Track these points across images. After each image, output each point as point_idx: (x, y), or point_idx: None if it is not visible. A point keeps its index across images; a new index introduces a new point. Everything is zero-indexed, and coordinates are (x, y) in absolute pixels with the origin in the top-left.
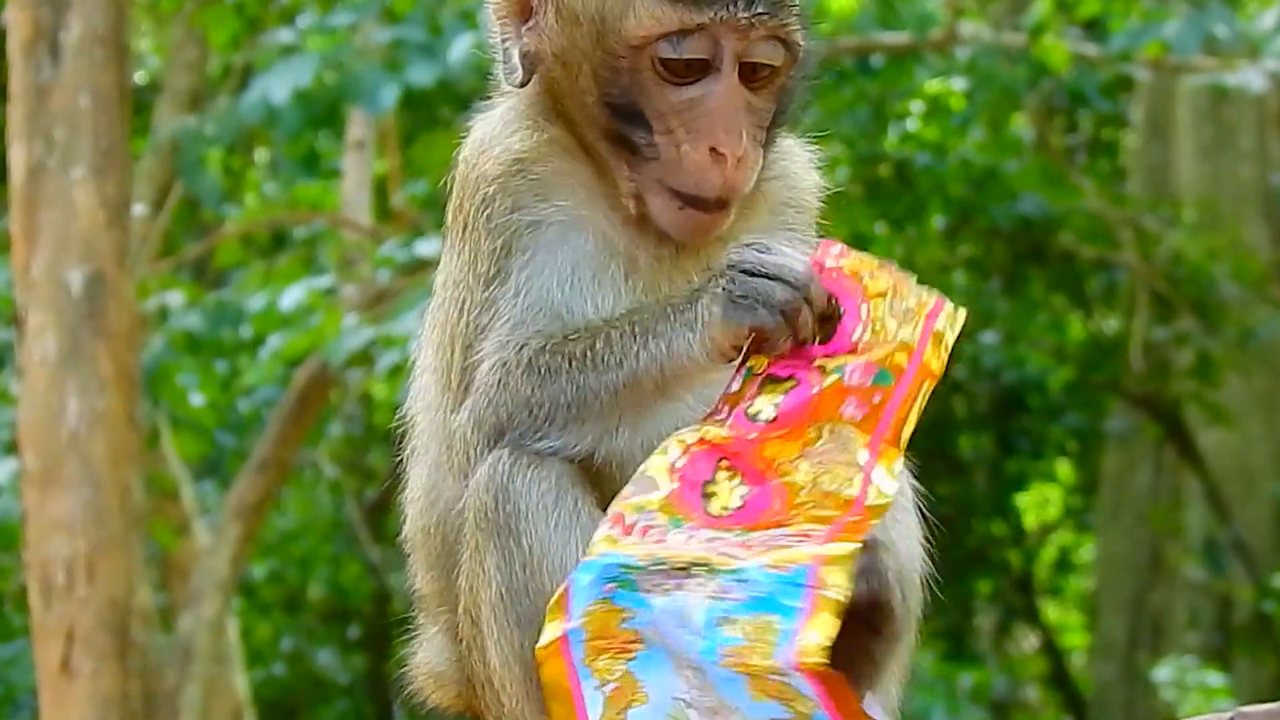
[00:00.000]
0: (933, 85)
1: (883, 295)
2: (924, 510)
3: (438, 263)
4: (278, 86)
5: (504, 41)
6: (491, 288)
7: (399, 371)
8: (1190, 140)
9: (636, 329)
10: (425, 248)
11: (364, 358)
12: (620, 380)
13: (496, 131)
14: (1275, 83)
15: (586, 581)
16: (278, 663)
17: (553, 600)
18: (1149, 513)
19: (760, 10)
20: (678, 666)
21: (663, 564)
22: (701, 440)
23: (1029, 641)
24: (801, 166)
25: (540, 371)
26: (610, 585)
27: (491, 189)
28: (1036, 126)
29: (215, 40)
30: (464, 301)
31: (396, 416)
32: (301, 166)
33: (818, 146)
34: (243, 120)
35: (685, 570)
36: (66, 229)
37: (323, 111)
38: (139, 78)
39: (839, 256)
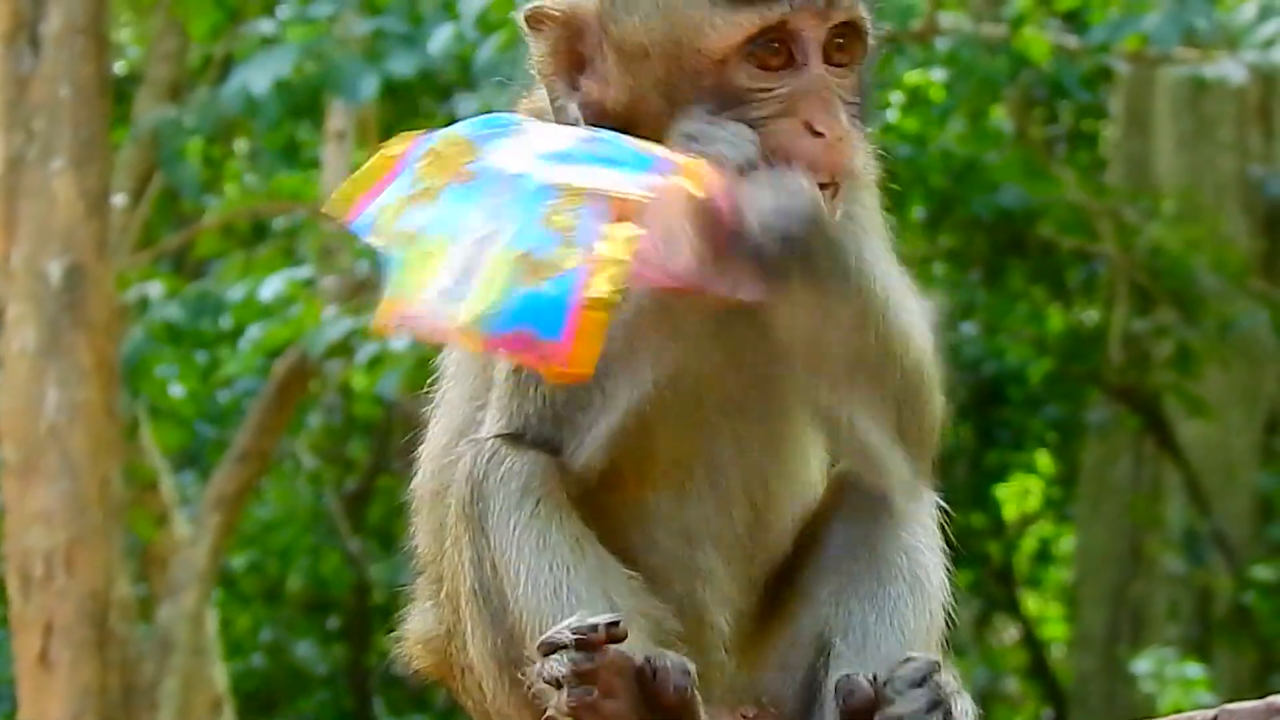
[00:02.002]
0: (913, 76)
1: None
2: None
3: None
4: (258, 77)
5: (555, 100)
6: None
7: (379, 362)
8: (1170, 132)
9: None
10: None
11: (344, 348)
12: None
13: None
14: (1255, 74)
15: (472, 121)
16: (257, 654)
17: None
18: (1129, 504)
19: None
20: (487, 202)
21: (555, 131)
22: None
23: (1009, 633)
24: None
25: None
26: (487, 131)
27: None
28: (1016, 118)
29: (195, 31)
30: None
31: (376, 407)
32: (281, 157)
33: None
34: (223, 111)
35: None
36: (46, 220)
37: (303, 102)
38: (119, 68)
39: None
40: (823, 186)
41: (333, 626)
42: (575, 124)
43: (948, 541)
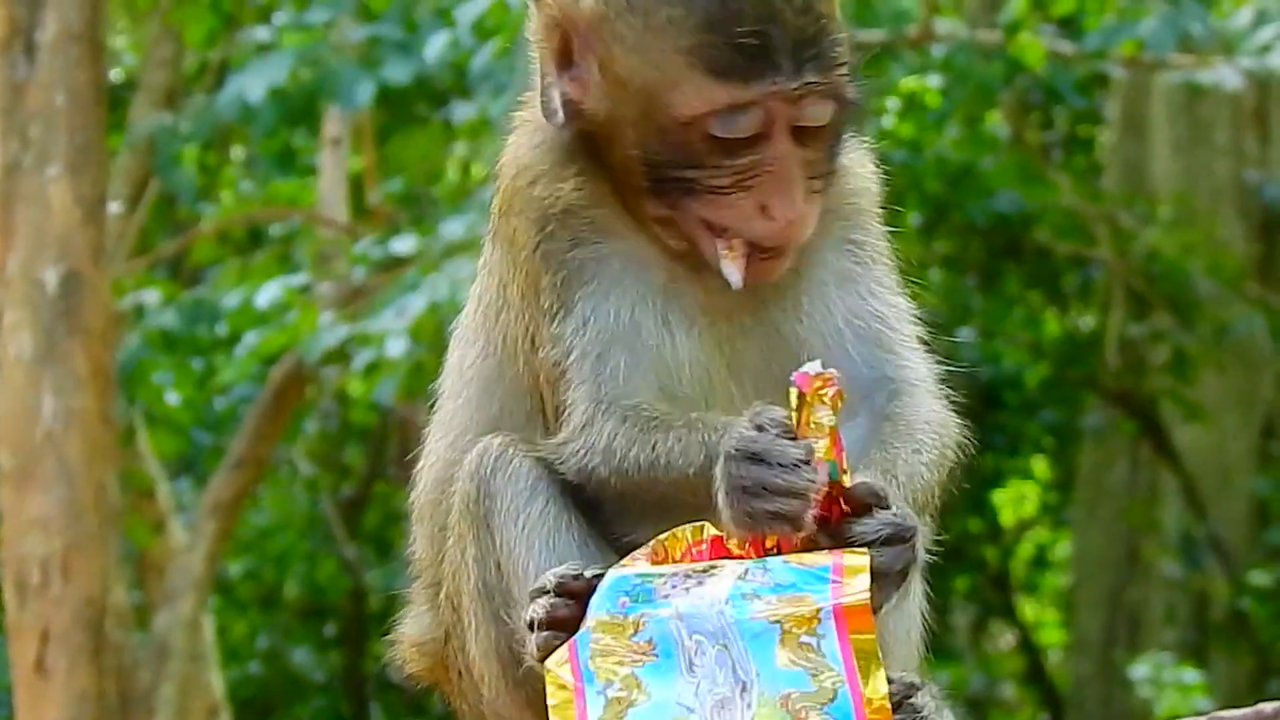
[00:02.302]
0: (909, 82)
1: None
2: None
3: (413, 260)
4: (254, 83)
5: (544, 78)
6: (557, 322)
7: (375, 369)
8: (1166, 136)
9: (693, 469)
10: (401, 245)
11: (340, 355)
12: (687, 498)
13: (543, 165)
14: (1250, 80)
15: (599, 597)
16: (254, 661)
17: None
18: (1125, 509)
19: (810, 79)
20: (690, 664)
21: (680, 571)
22: (719, 539)
23: (1005, 639)
24: (854, 160)
25: (614, 464)
26: (624, 599)
27: (550, 226)
28: (1012, 123)
29: (191, 37)
30: (531, 333)
31: (372, 414)
32: (277, 163)
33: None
34: (219, 117)
35: (706, 570)
36: (42, 227)
37: (299, 108)
38: (115, 75)
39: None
40: (771, 251)
41: (329, 633)
42: (555, 114)
43: (944, 548)
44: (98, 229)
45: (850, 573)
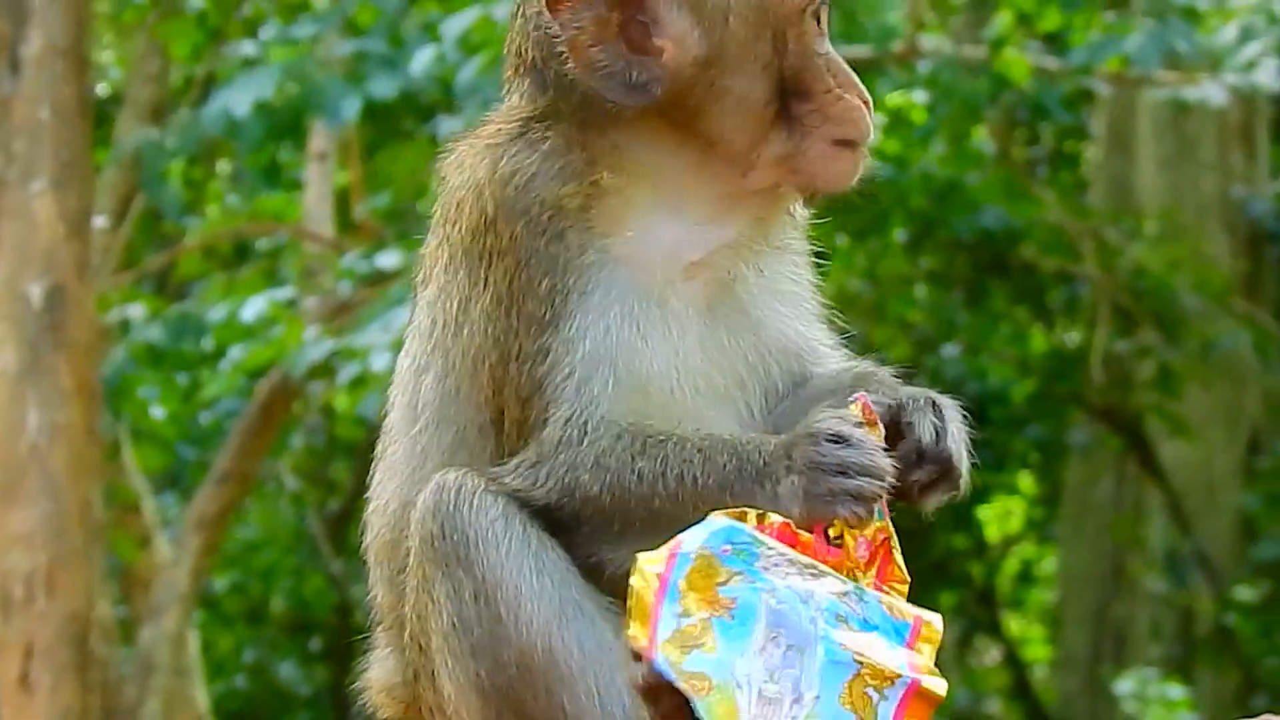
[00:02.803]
0: (894, 98)
1: None
2: None
3: (399, 274)
4: (240, 98)
5: (601, 69)
6: (545, 335)
7: (361, 383)
8: (1151, 153)
9: (713, 479)
10: (387, 260)
11: (325, 369)
12: (686, 515)
13: (536, 168)
14: (1236, 96)
15: (707, 532)
16: (239, 675)
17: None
18: (1111, 525)
19: None
20: (763, 647)
21: (788, 554)
22: (786, 527)
23: (991, 654)
24: None
25: (607, 480)
26: (728, 548)
27: (561, 225)
28: (998, 139)
29: (177, 52)
30: (507, 346)
31: (359, 428)
32: (263, 178)
33: None
34: (205, 132)
35: (809, 567)
36: (27, 242)
37: (285, 123)
38: (101, 89)
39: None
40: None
41: (315, 647)
42: (642, 88)
43: (929, 564)
44: (83, 244)
45: (925, 640)
